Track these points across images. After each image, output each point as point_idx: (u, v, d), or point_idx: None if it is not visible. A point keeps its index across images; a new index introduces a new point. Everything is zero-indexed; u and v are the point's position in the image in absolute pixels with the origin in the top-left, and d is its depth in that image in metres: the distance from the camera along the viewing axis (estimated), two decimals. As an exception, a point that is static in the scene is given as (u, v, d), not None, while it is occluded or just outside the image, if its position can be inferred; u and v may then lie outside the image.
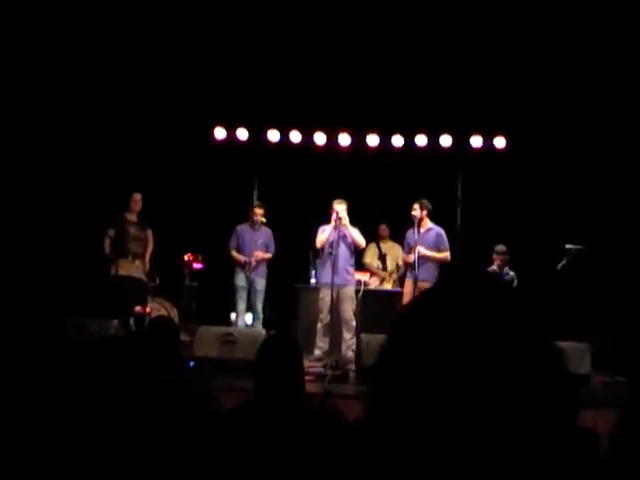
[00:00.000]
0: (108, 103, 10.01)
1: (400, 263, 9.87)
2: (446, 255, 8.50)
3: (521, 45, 9.34)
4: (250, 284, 8.98)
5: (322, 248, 8.49)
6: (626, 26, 8.53)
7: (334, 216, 8.32)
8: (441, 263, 8.51)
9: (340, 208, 8.32)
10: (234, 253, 9.07)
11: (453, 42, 9.43)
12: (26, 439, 1.82)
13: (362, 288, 9.12)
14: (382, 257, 10.36)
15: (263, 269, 9.13)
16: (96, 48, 9.37)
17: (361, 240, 8.53)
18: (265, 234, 9.14)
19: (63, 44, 9.20)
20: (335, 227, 8.32)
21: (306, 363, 3.02)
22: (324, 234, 8.45)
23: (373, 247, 10.30)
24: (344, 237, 8.38)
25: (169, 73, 9.94)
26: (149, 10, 8.99)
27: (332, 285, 8.10)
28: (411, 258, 8.32)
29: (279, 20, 9.17)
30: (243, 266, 8.94)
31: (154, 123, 10.35)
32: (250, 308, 9.04)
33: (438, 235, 8.52)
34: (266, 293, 9.12)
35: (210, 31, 9.31)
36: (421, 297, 0.93)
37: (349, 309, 8.39)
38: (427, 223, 8.50)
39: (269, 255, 9.13)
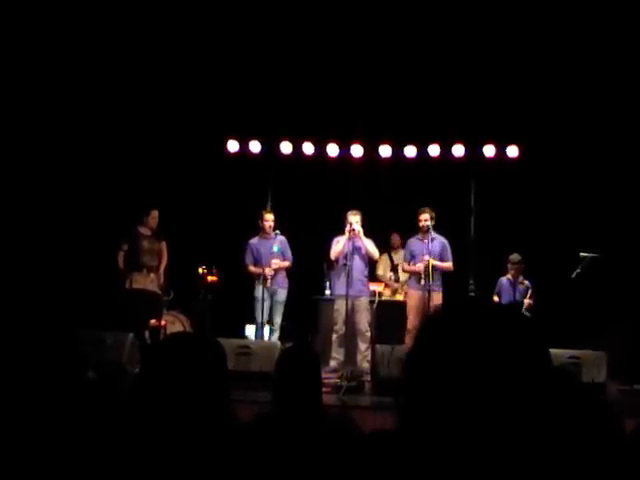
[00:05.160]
0: (122, 118, 10.08)
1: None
2: (450, 265, 8.51)
3: (533, 54, 9.35)
4: (271, 296, 8.74)
5: (336, 259, 8.49)
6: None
7: (348, 227, 8.33)
8: (445, 272, 8.56)
9: (354, 219, 8.33)
10: (251, 268, 8.84)
11: (465, 52, 9.45)
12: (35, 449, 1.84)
13: (376, 299, 9.10)
14: (394, 268, 10.20)
15: (283, 279, 8.85)
16: (110, 63, 9.46)
17: (375, 251, 8.53)
18: (280, 242, 8.81)
19: (78, 59, 9.30)
20: (349, 238, 8.32)
21: (321, 374, 3.02)
22: (338, 245, 8.45)
23: (385, 258, 10.22)
24: (358, 248, 8.38)
25: (181, 87, 10.01)
26: (164, 25, 9.08)
27: (347, 296, 8.10)
28: (419, 268, 8.31)
29: (292, 34, 9.23)
30: (262, 278, 8.70)
31: (167, 136, 10.39)
32: (269, 320, 8.80)
33: (442, 245, 8.53)
34: (286, 305, 8.92)
35: (223, 45, 9.38)
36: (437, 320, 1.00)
37: (364, 320, 8.38)
38: (431, 232, 8.51)
39: (287, 263, 8.85)
